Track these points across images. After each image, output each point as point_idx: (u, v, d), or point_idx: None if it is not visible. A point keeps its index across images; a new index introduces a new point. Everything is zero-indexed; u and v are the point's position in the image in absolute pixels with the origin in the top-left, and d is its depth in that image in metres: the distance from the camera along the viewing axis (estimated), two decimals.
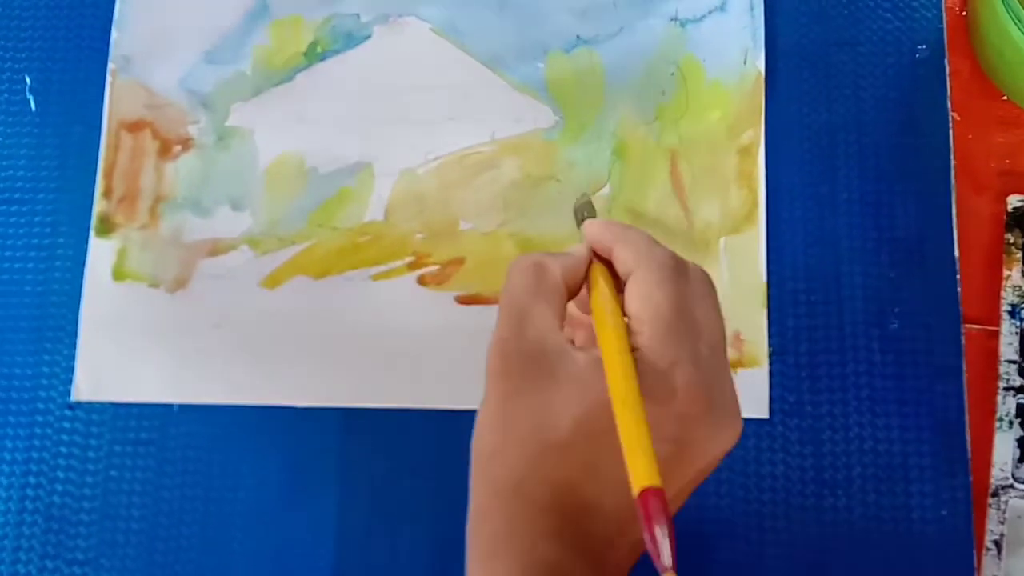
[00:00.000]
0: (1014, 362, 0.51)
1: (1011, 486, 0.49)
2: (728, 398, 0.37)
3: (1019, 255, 0.52)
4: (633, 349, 0.35)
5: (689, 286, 0.37)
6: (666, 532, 0.29)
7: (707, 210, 0.53)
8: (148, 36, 0.57)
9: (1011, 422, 0.50)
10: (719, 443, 0.36)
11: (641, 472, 0.30)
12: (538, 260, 0.38)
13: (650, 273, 0.37)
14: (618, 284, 0.38)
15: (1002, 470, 0.50)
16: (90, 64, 0.57)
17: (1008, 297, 0.52)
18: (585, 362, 0.35)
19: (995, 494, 0.49)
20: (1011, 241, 0.52)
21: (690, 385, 0.35)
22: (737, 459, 0.50)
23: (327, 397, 0.51)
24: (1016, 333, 0.51)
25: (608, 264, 0.39)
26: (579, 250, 0.39)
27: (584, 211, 0.47)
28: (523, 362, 0.36)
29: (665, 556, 0.29)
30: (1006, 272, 0.52)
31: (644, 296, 0.36)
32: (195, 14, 0.57)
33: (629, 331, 0.36)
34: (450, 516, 0.50)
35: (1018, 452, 0.50)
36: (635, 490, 0.30)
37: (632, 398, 0.33)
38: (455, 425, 0.51)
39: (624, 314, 0.36)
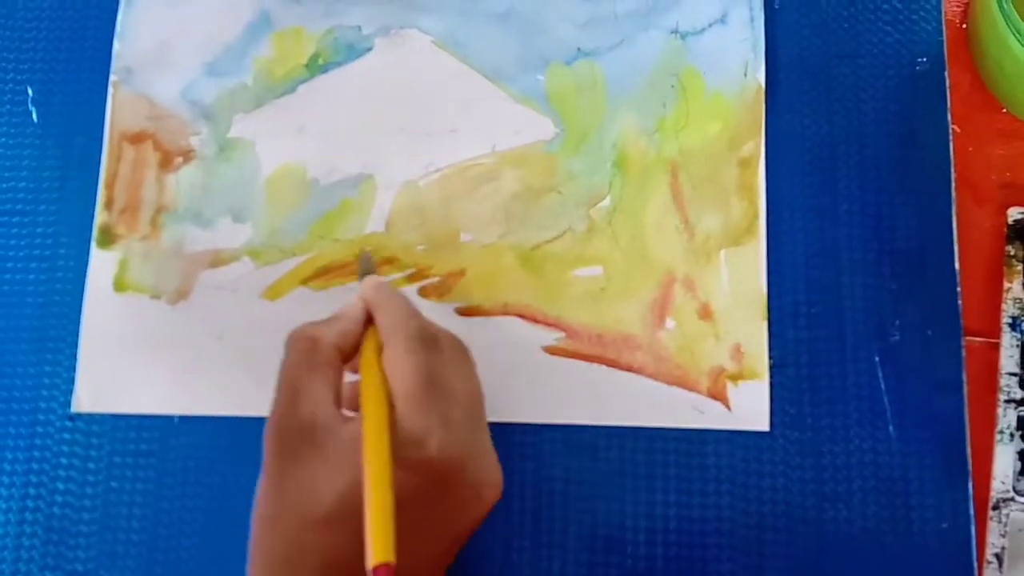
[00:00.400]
0: (1015, 375, 0.51)
1: (1012, 499, 0.49)
2: (486, 459, 0.40)
3: (1020, 267, 0.52)
4: (392, 422, 0.37)
5: (440, 355, 0.40)
6: None
7: (708, 222, 0.53)
8: (150, 48, 0.57)
9: (1012, 435, 0.50)
10: (478, 504, 0.40)
11: (378, 548, 0.33)
12: (310, 333, 0.40)
13: (399, 344, 0.39)
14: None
15: (1003, 483, 0.50)
16: (92, 76, 0.57)
17: (1009, 309, 0.52)
18: (350, 436, 0.37)
19: (996, 507, 0.49)
20: (1012, 253, 0.52)
21: (444, 452, 0.37)
22: (738, 471, 0.50)
23: None
24: (1017, 346, 0.51)
25: None
26: (352, 312, 0.42)
27: (364, 265, 0.48)
28: (294, 437, 0.37)
29: None
30: (1007, 284, 0.52)
31: (394, 367, 0.39)
32: (197, 26, 0.57)
33: (389, 402, 0.38)
34: None
35: (1019, 465, 0.50)
36: (369, 565, 0.33)
37: (380, 472, 0.35)
38: None
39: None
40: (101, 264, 0.54)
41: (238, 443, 0.51)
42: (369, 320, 0.42)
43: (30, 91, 0.57)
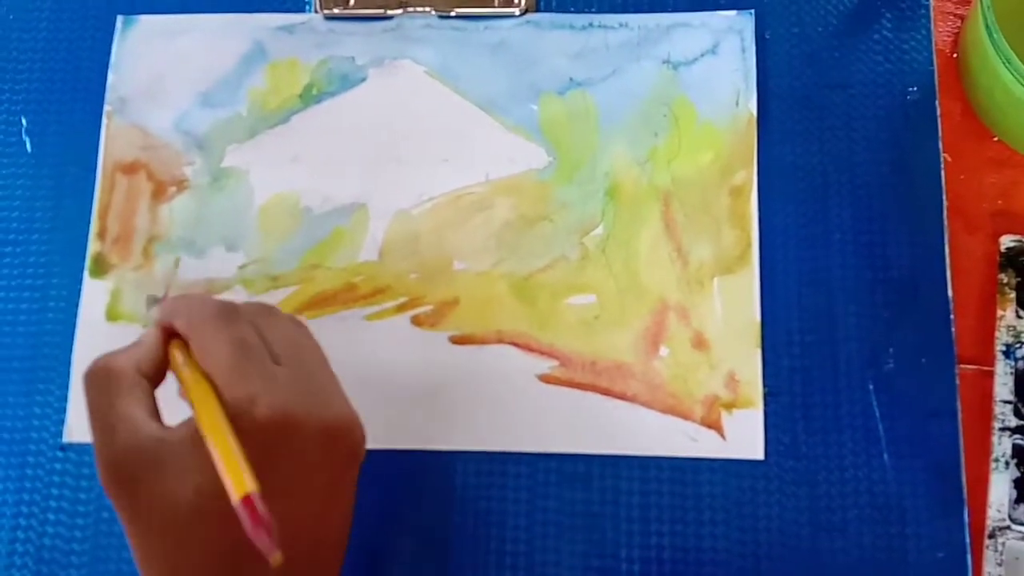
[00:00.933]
0: (1009, 402, 0.51)
1: (1008, 527, 0.49)
2: (329, 403, 0.41)
3: (1012, 295, 0.52)
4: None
5: (244, 322, 0.40)
6: (266, 530, 0.34)
7: (700, 250, 0.53)
8: (144, 79, 0.57)
9: (1007, 463, 0.50)
10: (337, 449, 0.40)
11: (236, 482, 0.34)
12: (104, 364, 0.40)
13: (202, 329, 0.40)
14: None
15: (999, 511, 0.49)
16: (86, 106, 0.57)
17: (1002, 337, 0.51)
18: (182, 435, 0.37)
19: (992, 535, 0.49)
20: (1004, 281, 0.52)
21: (276, 409, 0.37)
22: (732, 500, 0.50)
23: None
24: (1011, 373, 0.51)
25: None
26: (149, 334, 0.41)
27: (151, 303, 0.51)
28: (125, 467, 0.37)
29: (266, 547, 0.33)
30: (1000, 312, 0.52)
31: (205, 351, 0.39)
32: (191, 57, 0.58)
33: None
34: (437, 557, 0.50)
35: (1015, 493, 0.49)
36: (234, 500, 0.34)
37: (216, 422, 0.36)
38: (449, 466, 0.51)
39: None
40: (93, 293, 0.54)
41: None
42: (168, 339, 0.41)
43: (24, 121, 0.57)
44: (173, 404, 0.40)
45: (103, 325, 0.53)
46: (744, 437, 0.50)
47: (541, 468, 0.51)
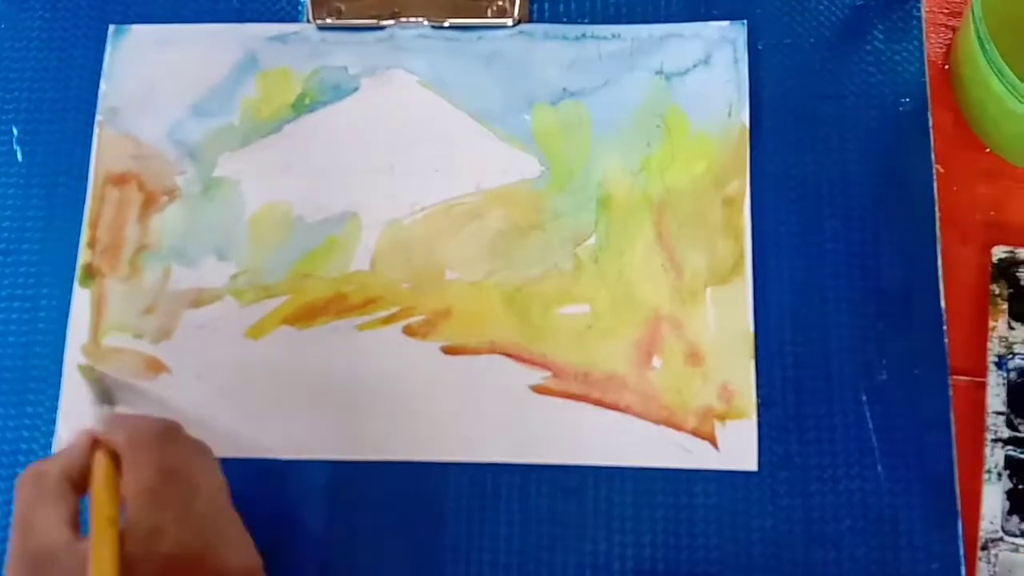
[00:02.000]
0: (1002, 414, 0.51)
1: (1001, 539, 0.49)
2: (233, 548, 0.41)
3: (1004, 306, 0.52)
4: (125, 523, 0.39)
5: (177, 450, 0.42)
6: None
7: (693, 261, 0.53)
8: (136, 89, 0.57)
9: (999, 474, 0.50)
10: None
11: None
12: (36, 470, 0.41)
13: (135, 448, 0.41)
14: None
15: (991, 523, 0.49)
16: (77, 116, 0.57)
17: (994, 348, 0.51)
18: (82, 555, 0.38)
19: (985, 547, 0.49)
20: (996, 292, 0.52)
21: (181, 546, 0.38)
22: (726, 512, 0.50)
23: (311, 450, 0.51)
24: (1003, 384, 0.51)
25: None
26: (80, 440, 0.42)
27: (100, 389, 0.49)
28: (30, 569, 0.38)
29: None
30: (991, 323, 0.52)
31: (130, 471, 0.40)
32: (183, 67, 0.57)
33: (124, 509, 0.39)
34: (429, 569, 0.49)
35: (1007, 504, 0.49)
36: None
37: (104, 550, 0.37)
38: (441, 477, 0.51)
39: (123, 496, 0.40)
40: (84, 303, 0.53)
41: None
42: (96, 445, 0.42)
43: (15, 130, 0.57)
44: None
45: (93, 336, 0.53)
46: (737, 448, 0.50)
47: (533, 479, 0.50)
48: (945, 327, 0.51)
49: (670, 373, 0.51)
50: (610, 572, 0.49)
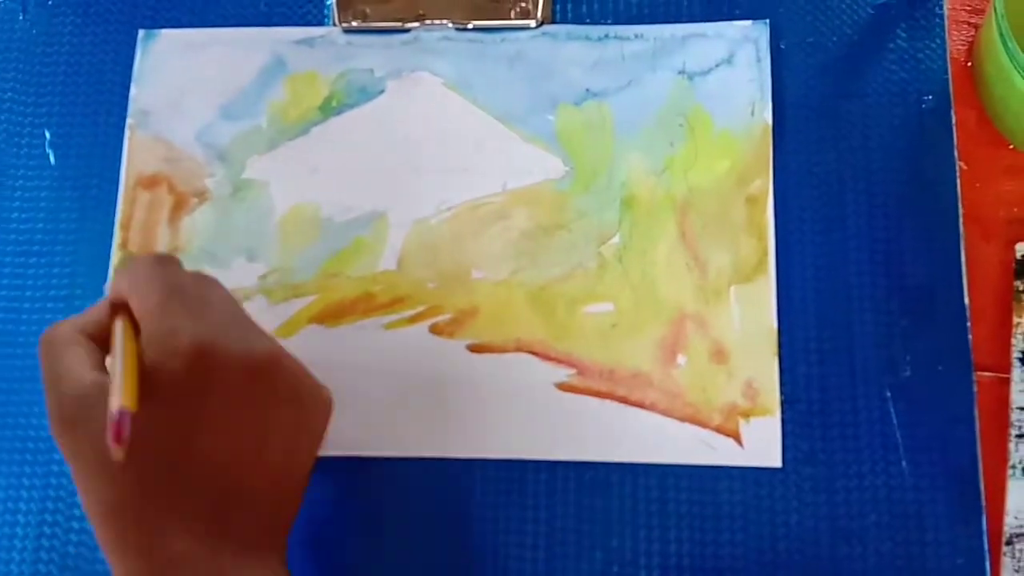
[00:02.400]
0: None
1: None
2: (255, 333, 0.42)
3: None
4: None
5: (181, 275, 0.42)
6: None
7: (717, 259, 0.53)
8: (166, 92, 0.58)
9: None
10: (264, 386, 0.41)
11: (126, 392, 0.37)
12: (49, 329, 0.42)
13: (137, 281, 0.41)
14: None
15: (1016, 518, 0.49)
16: (108, 119, 0.58)
17: (1019, 344, 0.52)
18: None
19: (1010, 542, 0.49)
20: (1021, 289, 0.52)
21: (196, 342, 0.39)
22: (751, 508, 0.50)
23: (337, 446, 0.51)
24: None
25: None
26: (98, 304, 0.43)
27: None
28: (67, 411, 0.39)
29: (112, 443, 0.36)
30: (1016, 320, 0.52)
31: (139, 295, 0.41)
32: (212, 70, 0.58)
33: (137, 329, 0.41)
34: (457, 565, 0.50)
35: None
36: (114, 405, 0.36)
37: (129, 354, 0.39)
38: (468, 474, 0.51)
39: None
40: None
41: None
42: (116, 311, 0.43)
43: (47, 134, 0.58)
44: None
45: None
46: (762, 445, 0.50)
47: (559, 476, 0.51)
48: (969, 323, 0.52)
49: (694, 371, 0.52)
50: (636, 568, 0.49)
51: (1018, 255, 0.53)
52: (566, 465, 0.51)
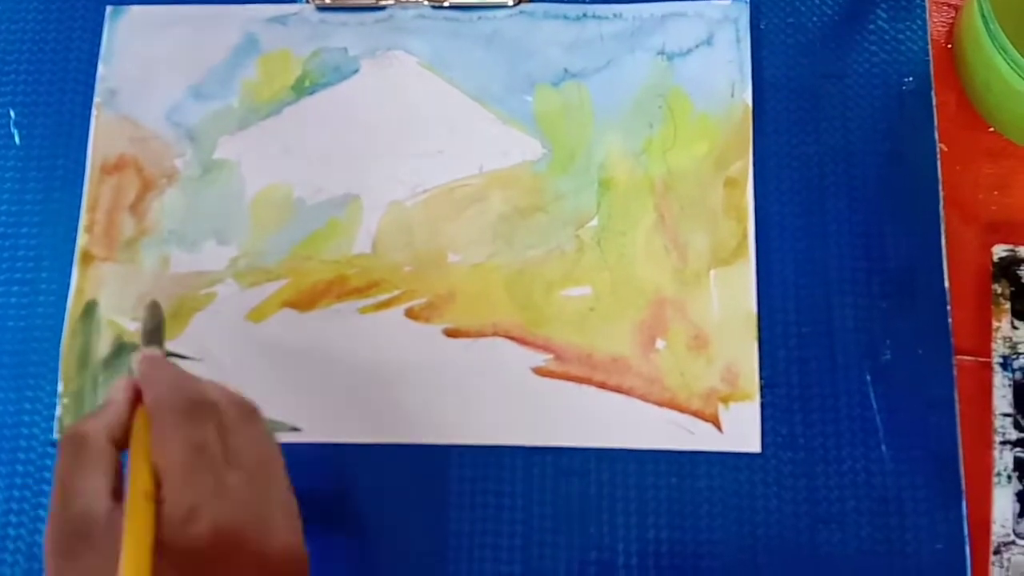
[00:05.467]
0: (1009, 415, 0.50)
1: (1013, 542, 0.49)
2: (278, 524, 0.39)
3: (1007, 306, 0.52)
4: (160, 501, 0.37)
5: (212, 423, 0.39)
6: None
7: (696, 242, 0.53)
8: (135, 70, 0.57)
9: (1009, 476, 0.49)
10: (271, 567, 0.38)
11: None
12: (78, 430, 0.39)
13: (164, 419, 0.39)
14: None
15: (1003, 526, 0.49)
16: (75, 98, 0.56)
17: (999, 349, 0.51)
18: (120, 526, 0.36)
19: (998, 551, 0.48)
20: (999, 292, 0.52)
21: (219, 524, 0.37)
22: (731, 494, 0.49)
23: (312, 432, 0.51)
24: (1009, 385, 0.51)
25: None
26: (120, 395, 0.41)
27: (148, 326, 0.45)
28: (68, 536, 0.37)
29: None
30: (995, 324, 0.51)
31: (160, 444, 0.38)
32: (182, 49, 0.57)
33: (157, 482, 0.37)
34: (433, 551, 0.49)
35: (1018, 507, 0.49)
36: None
37: (136, 558, 0.35)
38: (444, 460, 0.50)
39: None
40: (82, 288, 0.53)
41: None
42: (139, 398, 0.41)
43: (12, 113, 0.56)
44: None
45: (92, 320, 0.53)
46: (741, 430, 0.50)
47: (537, 462, 0.50)
48: (949, 307, 0.51)
49: (673, 355, 0.51)
50: (614, 554, 0.49)
51: (995, 257, 0.53)
52: (543, 451, 0.50)
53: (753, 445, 0.50)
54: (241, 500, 0.38)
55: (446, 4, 0.57)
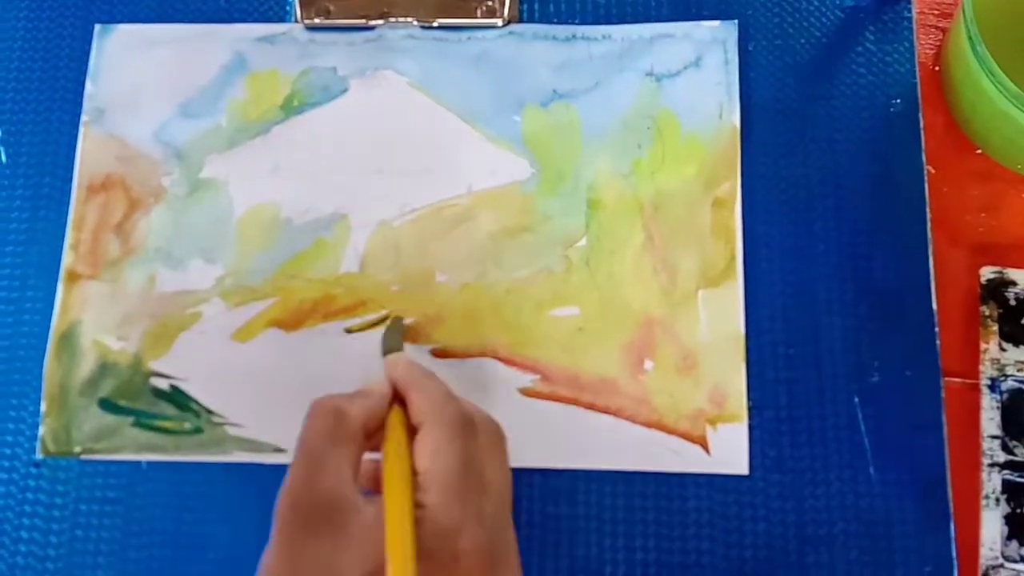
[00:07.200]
0: (997, 437, 0.50)
1: (1002, 565, 0.48)
2: (510, 557, 0.38)
3: (995, 327, 0.52)
4: (419, 506, 0.36)
5: (478, 442, 0.39)
6: None
7: (685, 263, 0.53)
8: (123, 89, 0.57)
9: (997, 499, 0.49)
10: None
11: None
12: (338, 405, 0.39)
13: (440, 430, 0.38)
14: (412, 429, 0.39)
15: (991, 549, 0.49)
16: (62, 116, 0.56)
17: (987, 371, 0.51)
18: (373, 518, 0.36)
19: (986, 574, 0.48)
20: (987, 313, 0.52)
21: (474, 548, 0.36)
22: (718, 515, 0.49)
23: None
24: (997, 407, 0.50)
25: (405, 406, 0.40)
26: (380, 389, 0.41)
27: (391, 340, 0.47)
28: (313, 512, 0.36)
29: None
30: (983, 345, 0.51)
31: (433, 453, 0.37)
32: (171, 67, 0.57)
33: (416, 486, 0.37)
34: None
35: (1006, 529, 0.49)
36: None
37: (403, 565, 0.34)
38: None
39: (414, 468, 0.37)
40: (67, 307, 0.53)
41: (207, 489, 0.50)
42: (394, 399, 0.40)
43: None
44: None
45: (76, 340, 0.52)
46: (729, 452, 0.50)
47: (524, 483, 0.50)
48: (937, 328, 0.51)
49: (661, 376, 0.51)
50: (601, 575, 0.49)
51: (983, 279, 0.53)
52: (531, 472, 0.50)
53: (741, 467, 0.50)
54: (491, 525, 0.37)
55: (435, 24, 0.57)
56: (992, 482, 0.49)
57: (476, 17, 0.57)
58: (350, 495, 0.36)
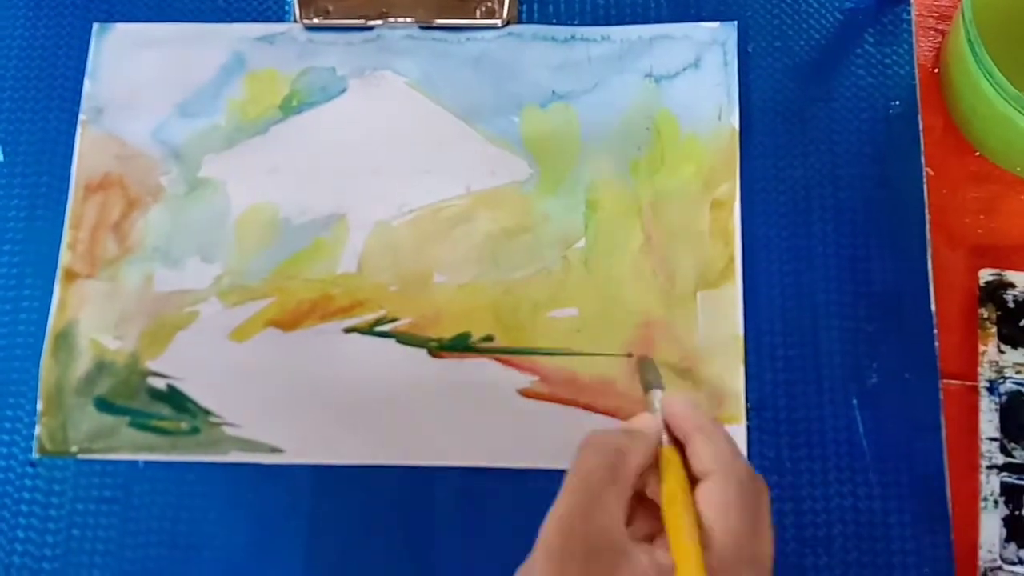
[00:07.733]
0: (995, 439, 0.50)
1: (1000, 567, 0.48)
2: None
3: (993, 330, 0.52)
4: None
5: (759, 502, 0.37)
6: None
7: (683, 264, 0.52)
8: (121, 88, 0.57)
9: (996, 501, 0.49)
10: None
11: None
12: (619, 446, 0.37)
13: (730, 485, 0.36)
14: (688, 474, 0.37)
15: (990, 551, 0.49)
16: (60, 115, 0.56)
17: (985, 373, 0.51)
18: (648, 566, 0.34)
19: None
20: (985, 316, 0.52)
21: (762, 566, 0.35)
22: None
23: (296, 454, 0.50)
24: (996, 409, 0.50)
25: (678, 444, 0.38)
26: (655, 429, 0.39)
27: (649, 376, 0.44)
28: (586, 549, 0.35)
29: None
30: (982, 348, 0.51)
31: (720, 508, 0.36)
32: (169, 67, 0.57)
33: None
34: (418, 574, 0.49)
35: (1004, 532, 0.49)
36: None
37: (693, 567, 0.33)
38: (427, 482, 0.50)
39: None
40: (64, 306, 0.53)
41: (204, 489, 0.50)
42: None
43: None
44: None
45: (73, 339, 0.52)
46: None
47: (523, 484, 0.50)
48: (935, 331, 0.51)
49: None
50: None
51: (981, 282, 0.53)
52: (530, 473, 0.50)
53: None
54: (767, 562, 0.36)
55: (434, 24, 0.57)
56: (990, 484, 0.49)
57: (475, 18, 0.57)
58: (621, 538, 0.35)
